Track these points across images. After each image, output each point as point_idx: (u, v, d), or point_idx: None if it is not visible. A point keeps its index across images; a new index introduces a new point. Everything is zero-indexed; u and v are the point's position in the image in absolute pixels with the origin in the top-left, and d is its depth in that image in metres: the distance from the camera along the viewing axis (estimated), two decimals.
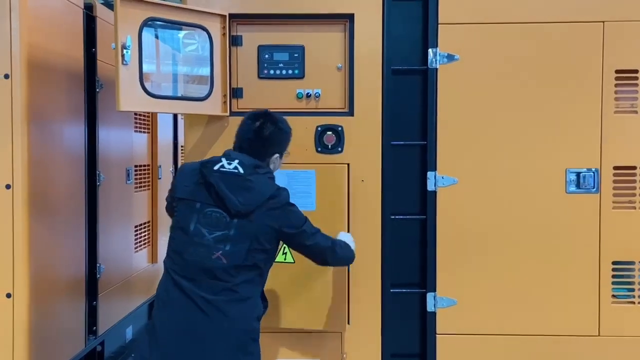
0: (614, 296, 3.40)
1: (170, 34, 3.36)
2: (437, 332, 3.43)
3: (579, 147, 3.37)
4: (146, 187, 5.09)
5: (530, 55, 3.37)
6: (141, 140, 5.01)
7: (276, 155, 2.75)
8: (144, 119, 5.07)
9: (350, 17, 3.36)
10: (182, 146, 5.98)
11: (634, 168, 3.37)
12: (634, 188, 3.38)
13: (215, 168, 2.56)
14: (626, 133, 3.36)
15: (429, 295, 3.43)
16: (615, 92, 3.36)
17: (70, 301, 3.82)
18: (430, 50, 3.39)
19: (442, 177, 3.40)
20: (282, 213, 2.60)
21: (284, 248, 3.21)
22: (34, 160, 3.28)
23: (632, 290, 3.41)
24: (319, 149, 3.38)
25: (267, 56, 3.40)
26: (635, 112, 3.38)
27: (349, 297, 3.38)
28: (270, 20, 3.40)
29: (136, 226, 4.86)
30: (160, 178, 5.28)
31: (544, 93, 3.37)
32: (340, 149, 3.38)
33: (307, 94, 3.40)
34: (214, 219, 2.54)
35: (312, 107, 3.41)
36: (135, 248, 4.86)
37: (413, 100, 3.46)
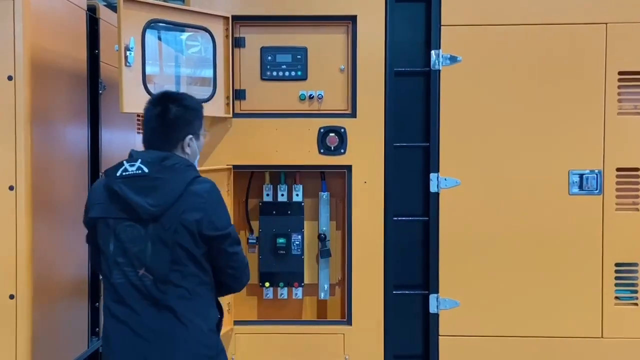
0: (617, 298, 3.40)
1: (173, 35, 3.36)
2: (440, 333, 3.43)
3: (581, 149, 3.37)
4: None
5: (533, 57, 3.37)
6: None
7: (189, 136, 2.42)
8: None
9: (353, 18, 3.37)
10: None
11: (637, 170, 3.37)
12: (637, 190, 3.38)
13: (118, 174, 2.29)
14: (629, 135, 3.36)
15: (432, 297, 3.43)
16: (618, 94, 3.36)
17: (73, 302, 3.82)
18: (432, 52, 3.39)
19: (445, 179, 3.40)
20: (201, 209, 2.30)
21: None
22: (37, 161, 3.28)
23: (635, 292, 3.41)
24: (322, 151, 3.38)
25: (269, 58, 3.41)
26: (639, 114, 3.37)
27: (350, 299, 3.39)
28: (273, 22, 3.41)
29: None
30: None
31: (546, 95, 3.37)
32: (342, 151, 3.38)
33: (310, 95, 3.41)
34: (129, 233, 2.29)
35: (315, 109, 3.42)
36: None
37: (416, 102, 3.46)
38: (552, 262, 3.38)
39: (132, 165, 2.30)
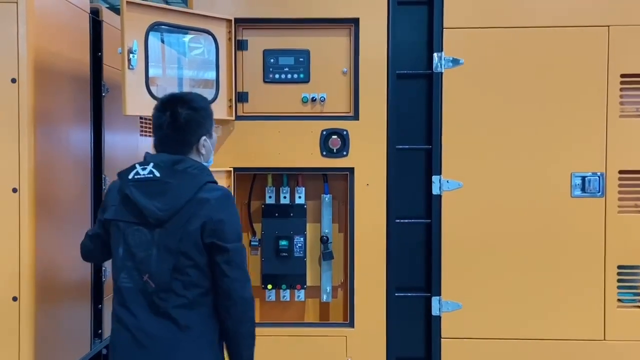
0: (619, 300, 3.40)
1: (175, 38, 3.36)
2: (442, 336, 3.43)
3: (584, 151, 3.37)
4: None
5: (535, 59, 3.37)
6: (147, 144, 5.01)
7: (203, 137, 2.39)
8: (150, 123, 5.08)
9: (355, 21, 3.37)
10: None
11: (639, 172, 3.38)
12: None
13: (130, 177, 2.27)
14: (631, 137, 3.36)
15: (434, 299, 3.43)
16: (621, 97, 3.36)
17: (75, 304, 3.82)
18: (435, 54, 3.39)
19: (447, 181, 3.40)
20: (205, 215, 2.24)
21: None
22: (40, 163, 3.29)
23: (638, 294, 3.41)
24: (324, 153, 3.39)
25: (272, 60, 3.41)
26: None
27: (353, 301, 3.39)
28: (275, 25, 3.42)
29: None
30: None
31: (549, 97, 3.37)
32: (345, 153, 3.38)
33: (313, 98, 3.41)
34: (137, 238, 2.27)
35: (318, 111, 3.42)
36: None
37: (418, 104, 3.46)
38: (554, 264, 3.38)
39: (144, 168, 2.28)
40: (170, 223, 2.24)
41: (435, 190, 3.41)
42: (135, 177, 2.27)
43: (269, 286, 3.55)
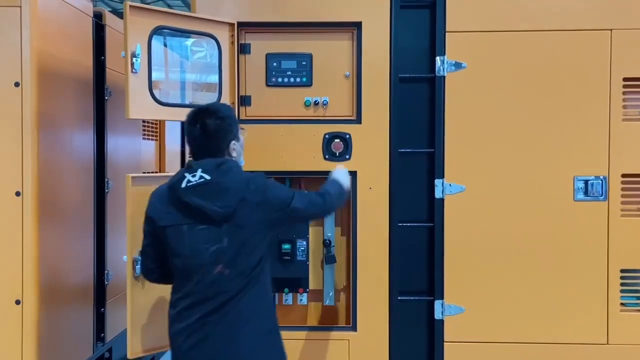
0: (622, 304, 3.39)
1: (178, 41, 3.38)
2: (445, 339, 3.42)
3: (587, 155, 3.37)
4: None
5: (537, 63, 3.37)
6: (149, 147, 5.03)
7: (232, 142, 2.63)
8: (152, 127, 5.09)
9: (358, 25, 3.37)
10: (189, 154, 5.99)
11: None
12: None
13: (184, 186, 2.49)
14: (634, 140, 3.35)
15: (437, 303, 3.42)
16: (623, 100, 3.36)
17: (78, 308, 3.83)
18: (437, 58, 3.39)
19: (450, 185, 3.40)
20: (264, 198, 2.54)
21: None
22: (44, 167, 3.30)
23: None
24: (327, 157, 3.39)
25: (275, 64, 3.42)
26: None
27: (355, 304, 3.39)
28: (278, 29, 3.42)
29: None
30: None
31: (551, 101, 3.37)
32: (347, 157, 3.38)
33: (315, 101, 3.41)
34: (204, 235, 2.49)
35: (320, 115, 3.42)
36: None
37: (421, 108, 3.46)
38: (557, 268, 3.38)
39: (193, 175, 2.50)
40: (233, 216, 2.48)
41: (438, 194, 3.41)
42: (188, 184, 2.49)
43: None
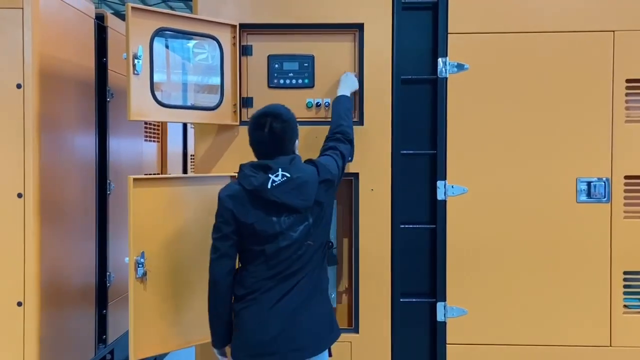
0: (625, 306, 3.38)
1: (180, 43, 3.37)
2: (447, 342, 3.42)
3: (589, 157, 3.36)
4: None
5: (540, 64, 3.36)
6: (151, 149, 5.03)
7: (297, 140, 2.86)
8: (154, 128, 5.09)
9: (360, 26, 3.37)
10: (191, 155, 6.00)
11: None
12: None
13: (269, 187, 2.66)
14: (637, 142, 3.35)
15: (439, 305, 3.42)
16: (626, 102, 3.35)
17: (80, 310, 3.83)
18: (439, 59, 3.39)
19: (452, 187, 3.40)
20: (327, 178, 2.80)
21: None
22: (45, 169, 3.30)
23: None
24: None
25: (277, 66, 3.42)
26: None
27: (357, 306, 3.38)
28: (280, 30, 3.42)
29: None
30: None
31: (554, 102, 3.37)
32: (350, 158, 3.38)
33: (317, 103, 3.41)
34: (291, 220, 2.69)
35: (322, 117, 3.42)
36: None
37: (423, 110, 3.46)
38: (559, 270, 3.37)
39: (276, 175, 2.67)
40: (314, 204, 2.73)
41: (440, 196, 3.41)
42: (274, 184, 2.67)
43: None
